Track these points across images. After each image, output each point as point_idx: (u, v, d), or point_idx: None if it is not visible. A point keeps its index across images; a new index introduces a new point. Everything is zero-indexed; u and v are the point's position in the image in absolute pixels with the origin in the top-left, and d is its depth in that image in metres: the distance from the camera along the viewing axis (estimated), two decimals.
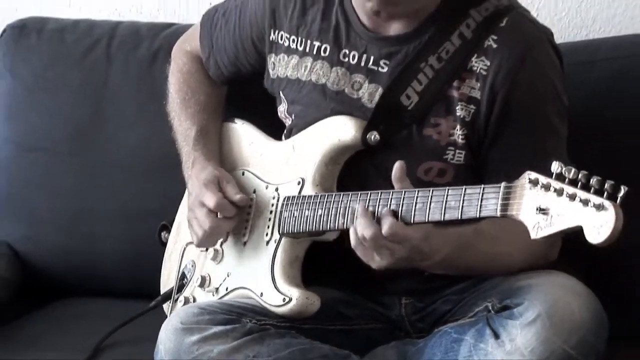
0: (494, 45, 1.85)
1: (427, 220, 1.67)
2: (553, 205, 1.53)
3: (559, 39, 1.93)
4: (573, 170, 1.52)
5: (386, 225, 1.67)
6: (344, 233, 1.79)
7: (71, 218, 2.31)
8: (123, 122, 2.29)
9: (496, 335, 1.72)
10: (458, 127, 1.85)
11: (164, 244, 2.11)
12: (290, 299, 1.83)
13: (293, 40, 1.97)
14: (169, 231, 2.11)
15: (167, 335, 1.81)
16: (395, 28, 1.89)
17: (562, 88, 1.89)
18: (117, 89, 2.29)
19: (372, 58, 1.90)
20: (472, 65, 1.85)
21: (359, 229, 1.70)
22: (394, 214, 1.69)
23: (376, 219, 1.69)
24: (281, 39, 1.98)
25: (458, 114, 1.85)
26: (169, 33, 2.29)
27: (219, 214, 1.92)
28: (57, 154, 2.32)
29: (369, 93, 1.90)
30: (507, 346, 1.69)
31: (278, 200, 1.92)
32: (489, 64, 1.84)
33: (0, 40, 2.39)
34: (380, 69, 1.90)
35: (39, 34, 2.37)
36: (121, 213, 2.26)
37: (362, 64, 1.91)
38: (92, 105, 2.31)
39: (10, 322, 2.19)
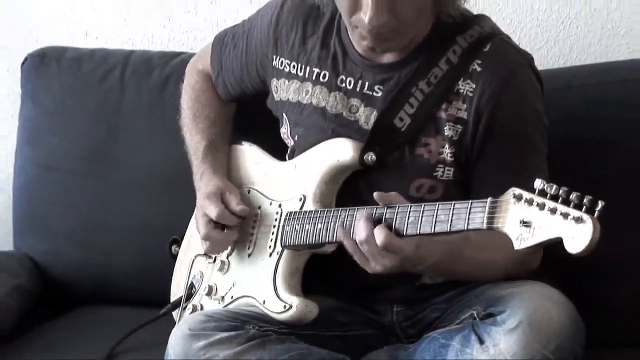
0: (479, 69, 1.85)
1: (418, 233, 1.67)
2: (535, 219, 1.53)
3: (539, 66, 1.92)
4: (554, 186, 1.52)
5: (380, 237, 1.68)
6: (342, 246, 1.79)
7: (88, 233, 2.30)
8: (136, 144, 2.29)
9: (481, 341, 1.72)
10: (447, 146, 1.85)
11: (174, 257, 2.10)
12: (291, 307, 1.83)
13: (294, 67, 1.97)
14: (179, 245, 2.11)
15: (176, 341, 1.81)
16: (388, 57, 1.90)
17: (543, 109, 1.89)
18: (131, 114, 2.29)
19: (367, 84, 1.91)
20: (459, 88, 1.86)
21: (357, 234, 1.71)
22: (389, 226, 1.69)
23: (372, 229, 1.70)
24: (282, 65, 1.99)
25: (447, 134, 1.85)
26: (178, 61, 2.29)
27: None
28: (75, 174, 2.32)
29: (365, 116, 1.90)
30: (491, 351, 1.69)
31: (281, 216, 1.92)
32: (474, 86, 1.85)
33: (22, 68, 2.39)
34: (375, 94, 1.90)
35: (58, 63, 2.37)
36: (134, 228, 2.26)
37: (358, 89, 1.91)
38: (107, 129, 2.31)
39: (32, 330, 2.18)
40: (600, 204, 1.48)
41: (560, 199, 1.51)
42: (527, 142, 1.86)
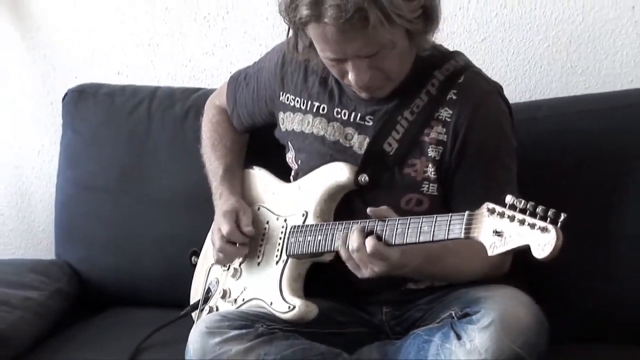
0: (455, 97, 1.85)
1: (405, 242, 1.68)
2: (506, 229, 1.54)
3: (508, 98, 1.93)
4: (523, 201, 1.53)
5: (369, 245, 1.68)
6: (338, 255, 1.79)
7: (118, 243, 2.30)
8: (160, 167, 2.28)
9: (459, 337, 1.71)
10: (430, 165, 1.85)
11: (193, 266, 2.10)
12: (294, 307, 1.83)
13: (297, 101, 1.97)
14: (197, 255, 2.10)
15: (194, 338, 1.81)
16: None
17: (511, 132, 1.89)
18: (156, 141, 2.29)
19: (359, 115, 1.91)
20: (439, 114, 1.86)
21: (350, 244, 1.71)
22: (378, 237, 1.70)
23: (364, 239, 1.70)
24: (287, 100, 1.99)
25: (430, 154, 1.85)
26: (197, 96, 2.29)
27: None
28: (108, 193, 2.31)
29: (358, 142, 1.91)
30: (468, 346, 1.69)
31: (286, 229, 1.92)
32: (451, 112, 1.85)
33: (63, 102, 2.40)
34: (366, 123, 1.90)
35: (94, 97, 2.37)
36: (158, 239, 2.25)
37: (352, 119, 1.92)
38: (136, 154, 2.31)
39: (70, 327, 2.18)
40: (563, 216, 1.49)
41: (528, 211, 1.52)
42: (497, 160, 1.86)
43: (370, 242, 1.69)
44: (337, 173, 1.89)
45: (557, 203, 1.53)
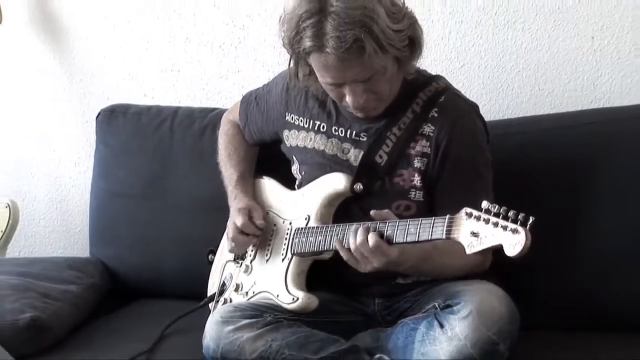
0: (436, 115, 1.85)
1: (394, 241, 1.69)
2: (482, 230, 1.55)
3: (484, 116, 1.94)
4: (497, 206, 1.55)
5: (372, 241, 1.69)
6: (336, 253, 1.79)
7: (144, 243, 2.29)
8: (181, 176, 2.27)
9: (441, 326, 1.72)
10: (416, 175, 1.85)
11: (210, 263, 2.09)
12: (298, 299, 1.83)
13: (301, 120, 1.97)
14: (214, 254, 2.10)
15: (210, 326, 1.81)
16: None
17: (486, 145, 1.90)
18: (177, 154, 2.28)
19: (355, 132, 1.90)
20: (423, 130, 1.86)
21: (353, 240, 1.71)
22: (381, 235, 1.70)
23: (367, 235, 1.70)
24: (292, 119, 1.98)
25: (416, 165, 1.85)
26: (213, 115, 2.28)
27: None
28: (135, 198, 2.30)
29: (354, 155, 1.90)
30: (449, 333, 1.69)
31: (291, 230, 1.92)
32: (433, 128, 1.85)
33: (96, 120, 2.39)
34: (361, 139, 1.90)
35: (123, 116, 2.36)
36: (180, 240, 2.24)
37: (348, 136, 1.91)
38: (160, 165, 2.30)
39: (102, 316, 2.18)
40: (531, 219, 1.50)
41: (501, 215, 1.53)
42: (474, 170, 1.86)
43: (372, 238, 1.69)
44: (336, 182, 1.88)
45: (528, 207, 1.53)
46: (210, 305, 2.02)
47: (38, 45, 2.56)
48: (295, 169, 2.00)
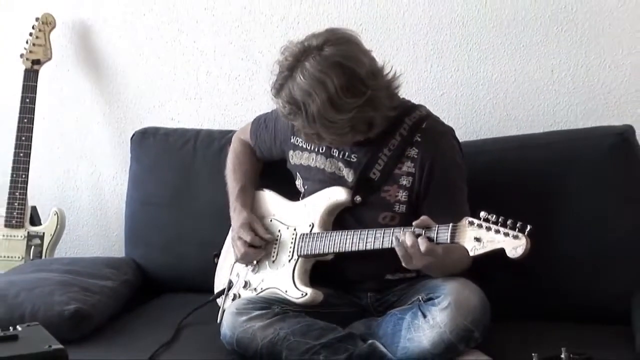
0: (419, 140, 1.85)
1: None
2: (484, 236, 1.56)
3: (460, 137, 1.94)
4: (494, 215, 1.56)
5: (423, 245, 1.65)
6: (337, 254, 1.79)
7: (170, 245, 2.26)
8: (202, 189, 2.24)
9: (424, 316, 1.71)
10: (401, 191, 1.84)
11: (215, 264, 2.07)
12: (306, 294, 1.83)
13: (304, 143, 1.95)
14: (218, 257, 2.07)
15: (227, 317, 1.81)
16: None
17: (462, 162, 1.89)
18: (199, 170, 2.26)
19: (346, 153, 1.90)
20: (408, 153, 1.85)
21: (408, 242, 1.66)
22: (429, 239, 1.66)
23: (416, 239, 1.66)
24: (297, 142, 1.97)
25: (401, 183, 1.85)
26: (230, 136, 2.23)
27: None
28: (163, 207, 2.28)
29: (346, 173, 1.90)
30: (431, 322, 1.69)
31: (296, 236, 1.90)
32: (417, 151, 1.84)
33: (131, 140, 2.37)
34: (352, 159, 1.89)
35: (154, 137, 2.34)
36: (201, 243, 2.19)
37: (341, 157, 1.91)
38: (184, 179, 2.27)
39: (134, 308, 2.16)
40: (529, 226, 1.51)
41: (500, 223, 1.55)
42: (453, 185, 1.85)
43: (423, 242, 1.65)
44: (338, 194, 1.88)
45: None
46: (218, 300, 1.99)
47: (82, 77, 2.56)
48: (299, 183, 1.99)
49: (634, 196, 1.97)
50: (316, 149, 1.93)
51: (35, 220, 2.46)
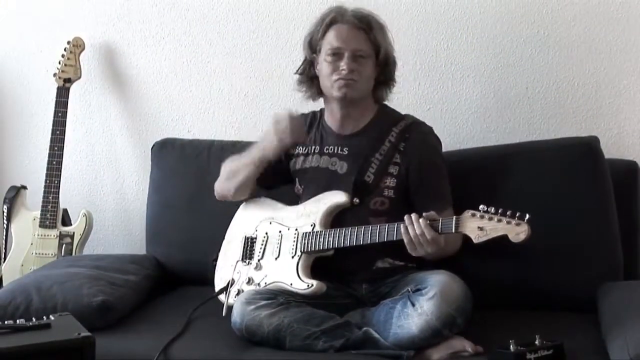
0: (405, 144, 1.91)
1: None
2: (486, 225, 1.63)
3: (445, 148, 1.97)
4: (492, 208, 1.62)
5: (429, 234, 1.71)
6: (337, 250, 1.81)
7: (187, 244, 2.26)
8: (214, 193, 2.20)
9: (413, 305, 1.73)
10: (389, 178, 1.90)
11: (214, 268, 2.06)
12: (312, 285, 1.84)
13: (300, 149, 2.00)
14: (216, 261, 2.06)
15: (237, 306, 1.82)
16: (347, 129, 1.94)
17: (442, 156, 1.95)
18: (213, 176, 2.23)
19: (338, 148, 1.95)
20: (396, 159, 1.91)
21: (411, 231, 1.72)
22: (435, 229, 1.72)
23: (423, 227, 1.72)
24: (296, 150, 2.01)
25: (389, 171, 1.90)
26: (240, 146, 2.24)
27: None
28: (180, 209, 2.29)
29: (340, 166, 1.94)
30: (419, 310, 1.71)
31: (298, 235, 1.91)
32: (404, 151, 1.90)
33: (151, 150, 2.38)
34: (343, 152, 1.94)
35: (172, 147, 2.35)
36: (213, 241, 2.16)
37: (334, 151, 1.95)
38: (198, 184, 2.27)
39: (155, 300, 2.15)
40: (527, 215, 1.58)
41: (499, 213, 1.61)
42: (439, 176, 1.91)
43: (429, 232, 1.70)
44: (338, 197, 1.90)
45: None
46: (222, 296, 1.97)
47: (108, 94, 2.57)
48: (298, 188, 2.01)
49: (600, 197, 1.99)
50: (311, 150, 1.97)
51: (66, 221, 2.47)
